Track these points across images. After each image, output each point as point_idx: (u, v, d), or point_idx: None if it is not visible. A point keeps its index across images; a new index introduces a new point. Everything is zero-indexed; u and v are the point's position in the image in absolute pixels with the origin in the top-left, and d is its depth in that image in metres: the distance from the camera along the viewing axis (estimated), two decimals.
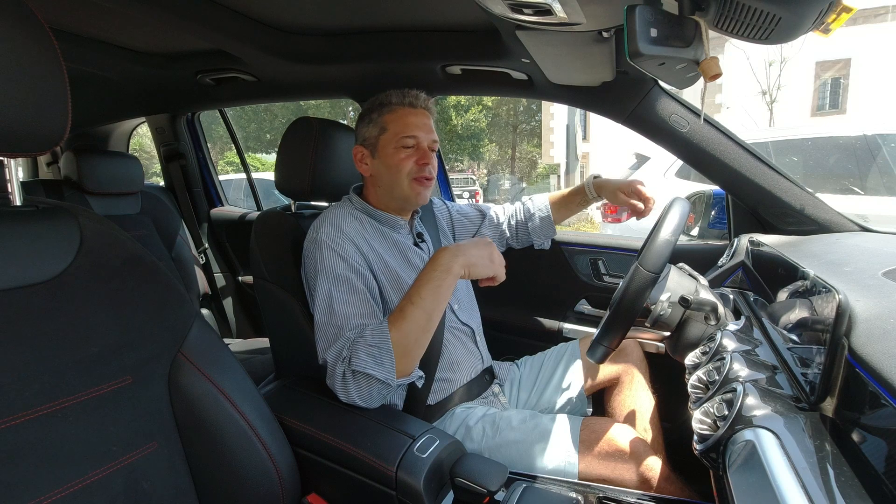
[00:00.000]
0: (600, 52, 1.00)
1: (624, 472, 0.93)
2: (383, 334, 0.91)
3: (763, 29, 0.65)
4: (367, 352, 0.90)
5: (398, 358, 0.91)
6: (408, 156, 1.11)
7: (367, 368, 0.89)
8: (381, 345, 0.90)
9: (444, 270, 0.93)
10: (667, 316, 0.94)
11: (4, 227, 0.64)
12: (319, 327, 0.99)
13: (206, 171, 2.44)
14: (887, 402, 0.46)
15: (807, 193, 1.21)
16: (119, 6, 1.05)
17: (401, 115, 1.12)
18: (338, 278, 1.00)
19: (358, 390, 0.91)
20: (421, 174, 1.12)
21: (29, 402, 0.60)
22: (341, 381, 0.92)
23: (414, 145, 1.11)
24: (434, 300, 0.92)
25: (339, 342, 0.94)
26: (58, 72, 0.61)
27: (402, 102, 1.12)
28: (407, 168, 1.11)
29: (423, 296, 0.92)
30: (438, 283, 0.92)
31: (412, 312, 0.92)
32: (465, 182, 18.02)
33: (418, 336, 0.93)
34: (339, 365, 0.93)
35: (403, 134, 1.10)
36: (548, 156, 21.65)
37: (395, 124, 1.11)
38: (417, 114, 1.13)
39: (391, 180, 1.12)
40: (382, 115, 1.13)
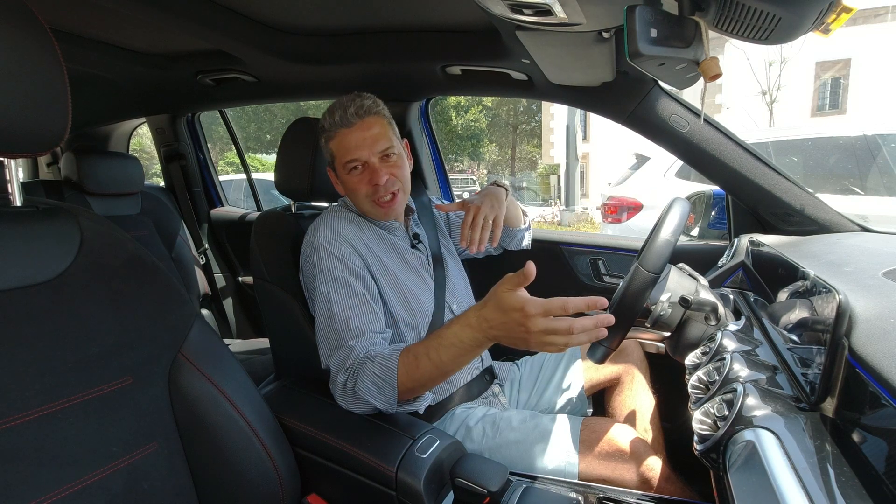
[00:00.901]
0: (600, 52, 1.00)
1: (624, 472, 0.93)
2: (391, 370, 0.88)
3: (763, 29, 0.65)
4: (372, 380, 0.89)
5: (401, 393, 0.89)
6: (359, 179, 1.07)
7: (369, 396, 0.90)
8: (387, 379, 0.89)
9: (473, 345, 0.82)
10: (667, 316, 0.94)
11: (5, 227, 0.64)
12: (320, 331, 0.99)
13: (206, 171, 2.44)
14: (887, 402, 0.46)
15: (807, 193, 1.21)
16: (119, 6, 1.05)
17: (339, 139, 1.06)
18: (336, 281, 1.00)
19: (357, 406, 0.93)
20: (376, 196, 1.07)
21: (29, 403, 0.60)
22: (342, 392, 0.93)
23: (361, 166, 1.06)
24: (452, 363, 0.86)
25: (342, 351, 0.94)
26: (58, 72, 0.61)
27: (335, 124, 1.06)
28: (362, 191, 1.08)
29: (443, 357, 0.85)
30: (461, 353, 0.84)
31: (426, 366, 0.86)
32: (465, 182, 18.05)
33: (425, 383, 0.90)
34: (340, 374, 0.93)
35: (345, 160, 1.06)
36: (548, 156, 21.65)
37: (338, 149, 1.07)
38: (353, 131, 1.05)
39: (355, 201, 1.12)
40: (328, 142, 1.10)
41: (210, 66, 1.55)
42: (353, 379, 0.91)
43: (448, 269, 1.26)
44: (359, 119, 1.05)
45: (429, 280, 1.19)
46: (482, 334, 0.80)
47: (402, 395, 0.90)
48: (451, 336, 0.84)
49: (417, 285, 1.14)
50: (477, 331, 0.81)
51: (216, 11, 1.15)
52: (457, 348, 0.83)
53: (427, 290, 1.16)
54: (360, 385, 0.90)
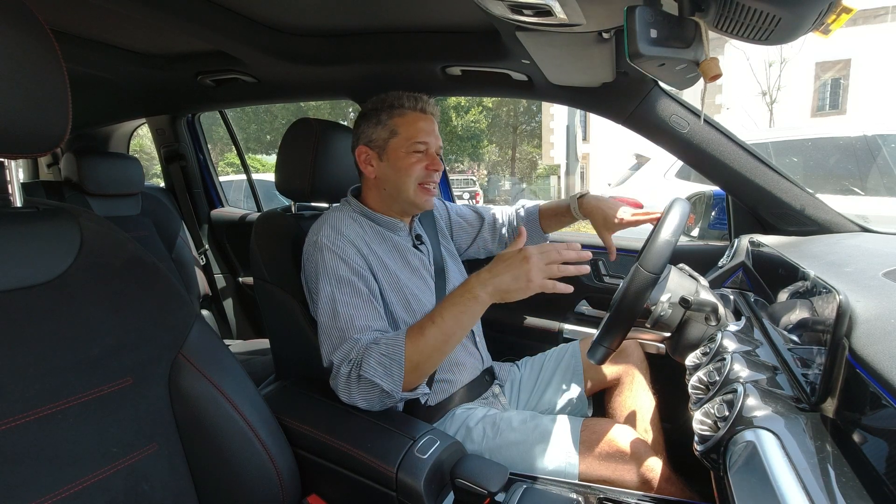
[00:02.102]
0: (600, 52, 1.00)
1: (624, 472, 0.93)
2: (398, 346, 0.91)
3: (763, 30, 0.65)
4: (378, 360, 0.90)
5: (408, 372, 0.90)
6: (418, 160, 1.10)
7: (375, 377, 0.90)
8: (394, 356, 0.90)
9: (471, 298, 0.90)
10: (667, 317, 0.94)
11: (5, 228, 0.64)
12: (323, 330, 0.99)
13: (206, 172, 2.45)
14: (888, 402, 0.46)
15: (807, 194, 1.21)
16: (119, 7, 1.06)
17: (412, 120, 1.11)
18: (340, 280, 1.00)
19: (361, 393, 0.92)
20: (429, 179, 1.12)
21: (30, 403, 0.60)
22: (345, 382, 0.93)
23: (424, 151, 1.11)
24: (455, 324, 0.91)
25: (346, 344, 0.94)
26: (58, 73, 0.61)
27: (415, 107, 1.12)
28: (416, 173, 1.10)
29: (445, 318, 0.91)
30: (463, 309, 0.91)
31: (431, 331, 0.91)
32: (465, 183, 18.05)
33: (432, 354, 0.92)
34: (344, 366, 0.93)
35: (415, 139, 1.10)
36: (548, 156, 21.65)
37: (407, 128, 1.10)
38: (427, 119, 1.13)
39: (398, 184, 1.11)
40: (392, 118, 1.11)
41: (210, 66, 1.55)
42: (358, 365, 0.91)
43: (449, 271, 1.26)
44: (432, 113, 1.15)
45: (430, 281, 1.19)
46: (479, 285, 0.90)
47: (409, 376, 0.91)
48: (451, 297, 0.93)
49: (418, 286, 1.14)
50: (474, 284, 0.91)
51: (216, 12, 1.15)
52: (457, 307, 0.91)
53: (428, 291, 1.17)
54: (364, 367, 0.90)
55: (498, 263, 0.91)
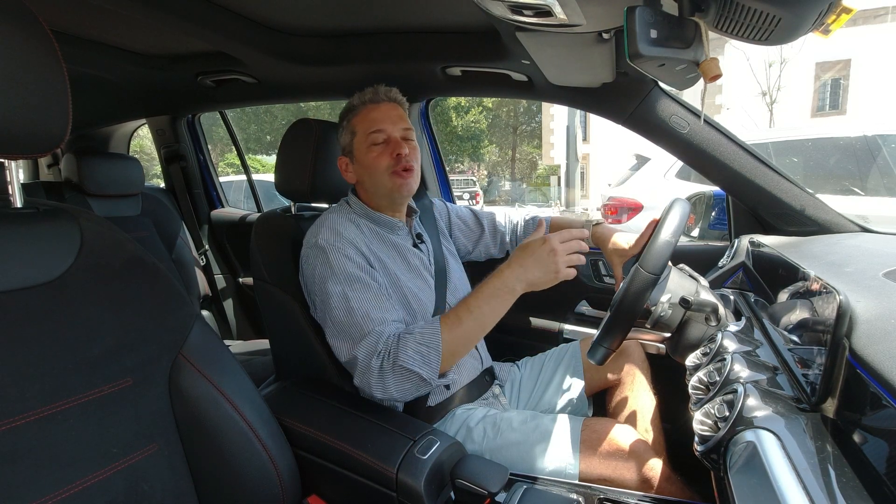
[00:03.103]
0: (600, 53, 1.00)
1: (625, 471, 0.93)
2: (434, 335, 0.93)
3: (763, 30, 0.65)
4: (416, 349, 0.92)
5: (444, 358, 0.93)
6: (380, 152, 1.10)
7: (414, 366, 0.91)
8: (431, 344, 0.92)
9: (508, 291, 0.95)
10: (667, 317, 0.94)
11: (5, 228, 0.64)
12: (340, 328, 0.98)
13: (206, 172, 2.45)
14: (888, 402, 0.45)
15: (807, 194, 1.21)
16: (119, 8, 1.06)
17: (364, 114, 1.13)
18: (350, 278, 1.00)
19: (397, 384, 0.93)
20: (398, 166, 1.10)
21: (30, 404, 0.60)
22: (378, 374, 0.93)
23: (384, 140, 1.11)
24: (491, 314, 0.96)
25: (369, 338, 0.95)
26: (58, 73, 0.61)
27: (363, 101, 1.14)
28: (383, 164, 1.10)
29: (483, 308, 0.95)
30: (500, 301, 0.95)
31: (467, 320, 0.94)
32: (465, 183, 18.06)
33: (466, 343, 0.96)
34: (374, 359, 0.93)
35: (370, 130, 1.10)
36: (548, 157, 21.67)
37: (361, 124, 1.12)
38: (380, 108, 1.13)
39: (372, 180, 1.12)
40: (349, 120, 1.14)
41: (210, 67, 1.55)
42: (393, 355, 0.92)
43: (450, 270, 1.26)
44: (387, 99, 1.14)
45: (430, 280, 1.19)
46: (514, 278, 0.95)
47: (445, 362, 0.94)
48: (488, 288, 0.96)
49: (418, 286, 1.14)
50: (510, 277, 0.95)
51: (217, 13, 1.15)
52: (495, 298, 0.95)
53: (428, 290, 1.16)
54: (402, 357, 0.91)
55: (526, 256, 0.95)
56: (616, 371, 1.23)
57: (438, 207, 1.43)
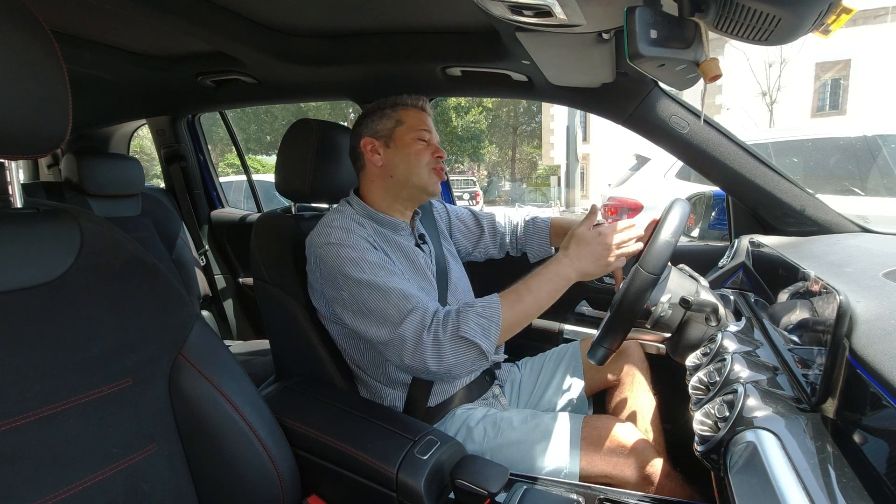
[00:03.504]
0: (600, 53, 1.00)
1: (626, 468, 0.93)
2: (495, 309, 0.95)
3: (763, 30, 0.65)
4: (477, 322, 0.93)
5: (503, 331, 0.96)
6: (425, 147, 1.16)
7: (476, 337, 0.92)
8: (492, 318, 0.94)
9: (564, 278, 1.00)
10: (667, 317, 0.94)
11: (5, 229, 0.64)
12: (375, 314, 0.96)
13: (206, 172, 2.45)
14: (888, 403, 0.45)
15: (807, 194, 1.21)
16: (119, 8, 1.06)
17: (415, 113, 1.18)
18: (373, 265, 0.99)
19: (455, 355, 0.93)
20: (439, 165, 1.18)
21: (29, 404, 0.60)
22: (433, 347, 0.92)
23: (429, 140, 1.17)
24: (548, 297, 0.99)
25: (415, 314, 0.94)
26: (59, 74, 0.61)
27: (416, 105, 1.20)
28: (426, 158, 1.15)
29: (542, 289, 0.99)
30: (556, 286, 1.00)
31: (526, 298, 0.98)
32: (465, 183, 18.07)
33: (522, 320, 0.98)
34: (426, 333, 0.93)
35: (421, 127, 1.16)
36: (548, 157, 21.68)
37: (412, 119, 1.17)
38: (428, 117, 1.20)
39: (409, 169, 1.14)
40: (397, 111, 1.18)
41: (210, 67, 1.55)
42: (453, 326, 0.93)
43: (451, 270, 1.26)
44: (430, 114, 1.23)
45: (432, 280, 1.19)
46: (572, 268, 1.00)
47: (502, 335, 0.96)
48: (547, 273, 1.00)
49: (421, 285, 1.14)
50: (567, 266, 1.00)
51: (216, 13, 1.15)
52: (552, 283, 0.99)
53: (431, 290, 1.17)
54: (463, 328, 0.92)
55: (579, 247, 1.01)
56: (616, 371, 1.23)
57: (438, 208, 1.43)
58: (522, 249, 1.47)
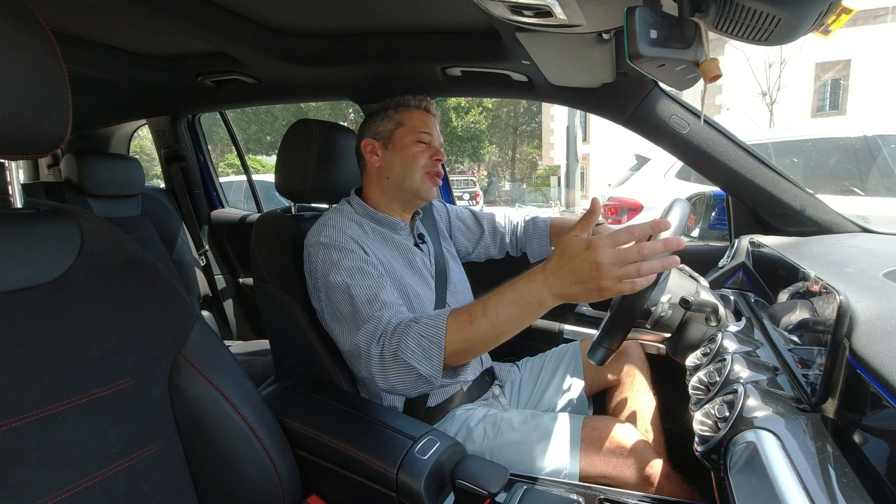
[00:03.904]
0: (600, 53, 1.00)
1: (625, 468, 0.93)
2: (439, 329, 0.84)
3: (763, 30, 0.65)
4: (417, 341, 0.85)
5: (448, 356, 0.84)
6: (422, 150, 1.15)
7: (413, 360, 0.84)
8: (434, 339, 0.84)
9: (535, 302, 0.78)
10: (667, 317, 0.94)
11: (5, 229, 0.64)
12: (340, 317, 0.96)
13: (206, 173, 2.45)
14: (888, 403, 0.45)
15: (807, 194, 1.21)
16: (119, 8, 1.06)
17: (418, 115, 1.18)
18: (350, 269, 0.99)
19: (398, 376, 0.86)
20: (434, 168, 1.16)
21: (29, 404, 0.60)
22: (378, 364, 0.87)
23: (428, 142, 1.16)
24: (510, 322, 0.81)
25: (369, 324, 0.91)
26: (59, 74, 0.61)
27: (419, 106, 1.19)
28: (422, 161, 1.14)
29: (501, 314, 0.81)
30: (523, 311, 0.80)
31: (481, 322, 0.82)
32: (465, 184, 18.08)
33: (478, 345, 0.84)
34: (374, 346, 0.88)
35: (421, 129, 1.16)
36: (548, 157, 21.68)
37: (412, 120, 1.16)
38: (430, 117, 1.19)
39: (404, 171, 1.14)
40: (398, 112, 1.18)
41: (210, 67, 1.55)
42: (394, 343, 0.86)
43: (450, 271, 1.26)
44: (434, 114, 1.22)
45: (430, 280, 1.19)
46: (547, 289, 0.76)
47: (449, 360, 0.85)
48: (512, 292, 0.80)
49: (419, 285, 1.14)
50: (542, 285, 0.76)
51: (216, 13, 1.15)
52: (519, 305, 0.79)
53: (429, 290, 1.17)
54: (402, 348, 0.84)
55: (562, 260, 0.74)
56: (616, 371, 1.23)
57: (438, 208, 1.43)
58: (522, 250, 1.47)
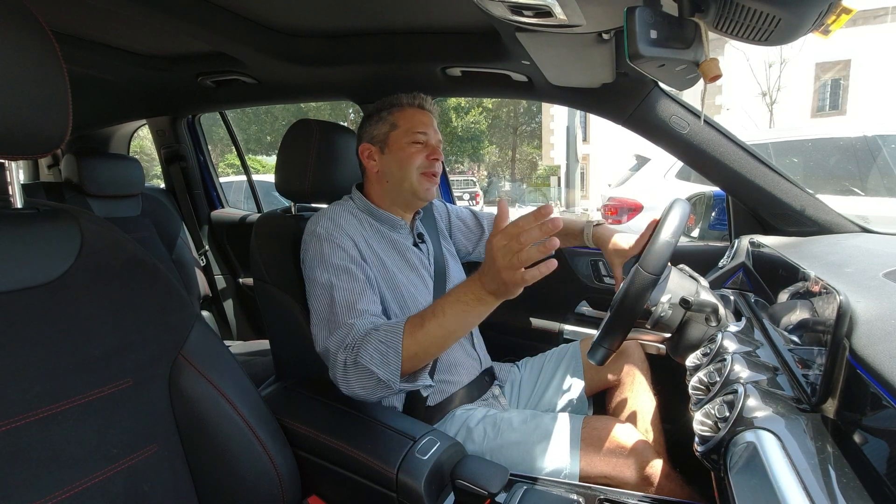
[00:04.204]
0: (600, 53, 1.00)
1: (625, 468, 0.93)
2: (396, 335, 0.88)
3: (763, 30, 0.65)
4: (375, 347, 0.88)
5: (405, 360, 0.88)
6: (418, 150, 1.14)
7: (372, 365, 0.87)
8: (391, 344, 0.88)
9: (474, 298, 0.83)
10: (667, 317, 0.94)
11: (5, 229, 0.64)
12: (319, 317, 0.98)
13: (206, 173, 2.45)
14: (888, 403, 0.45)
15: (807, 194, 1.21)
16: (119, 8, 1.06)
17: (411, 114, 1.16)
18: (337, 269, 1.00)
19: (358, 381, 0.89)
20: (430, 169, 1.15)
21: (30, 405, 0.60)
22: (342, 370, 0.90)
23: (424, 142, 1.15)
24: (457, 322, 0.87)
25: (342, 330, 0.93)
26: (59, 74, 0.61)
27: (413, 103, 1.18)
28: (417, 161, 1.13)
29: (447, 315, 0.86)
30: (465, 308, 0.85)
31: (431, 324, 0.87)
32: (465, 184, 18.08)
33: (429, 347, 0.89)
34: (341, 352, 0.91)
35: (415, 129, 1.14)
36: (548, 157, 21.68)
37: (406, 121, 1.15)
38: (425, 114, 1.18)
39: (400, 174, 1.14)
40: (392, 113, 1.17)
41: (210, 67, 1.55)
42: (355, 351, 0.89)
43: (449, 270, 1.26)
44: (430, 110, 1.20)
45: (428, 280, 1.19)
46: (480, 285, 0.82)
47: (406, 364, 0.88)
48: (456, 293, 0.87)
49: (416, 284, 1.14)
50: (477, 282, 0.82)
51: (216, 13, 1.15)
52: (461, 304, 0.85)
53: (425, 290, 1.17)
54: (362, 354, 0.88)
55: (486, 257, 0.80)
56: (616, 371, 1.23)
57: (438, 208, 1.43)
58: None
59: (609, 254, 1.24)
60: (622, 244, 1.20)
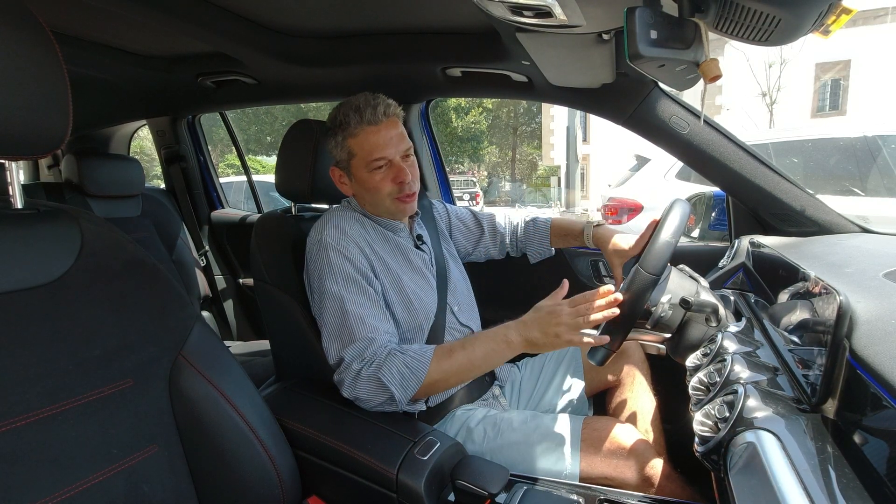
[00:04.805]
0: (600, 53, 1.00)
1: (625, 469, 0.93)
2: (423, 362, 0.94)
3: (763, 31, 0.65)
4: (399, 370, 0.93)
5: (423, 387, 0.94)
6: (383, 177, 1.07)
7: (391, 384, 0.92)
8: (416, 370, 0.93)
9: (504, 342, 0.96)
10: (668, 318, 0.94)
11: (5, 229, 0.64)
12: (332, 328, 0.99)
13: (206, 173, 2.45)
14: (888, 403, 0.45)
15: (807, 195, 1.21)
16: (119, 9, 1.06)
17: (364, 137, 1.05)
18: (347, 279, 1.00)
19: (367, 391, 0.94)
20: (402, 193, 1.09)
21: (30, 405, 0.60)
22: (354, 377, 0.94)
23: (387, 163, 1.07)
24: (483, 359, 0.96)
25: (359, 343, 0.95)
26: (59, 75, 0.61)
27: (361, 122, 1.05)
28: (386, 189, 1.08)
29: (476, 349, 0.96)
30: (494, 348, 0.96)
31: (459, 356, 0.95)
32: (465, 184, 18.09)
33: (450, 378, 0.96)
34: (356, 363, 0.94)
35: (371, 158, 1.05)
36: (548, 157, 21.68)
37: (362, 148, 1.06)
38: (380, 130, 1.05)
39: (373, 199, 1.11)
40: (346, 140, 1.07)
41: (211, 68, 1.55)
42: (376, 366, 0.93)
43: (450, 271, 1.26)
44: (385, 118, 1.06)
45: (432, 280, 1.19)
46: (517, 332, 0.95)
47: (423, 390, 0.94)
48: (489, 332, 0.98)
49: (420, 286, 1.14)
50: (514, 329, 0.96)
51: (217, 14, 1.15)
52: (493, 343, 0.96)
53: (430, 291, 1.17)
54: (384, 371, 0.92)
55: (534, 313, 0.95)
56: (616, 372, 1.23)
57: (438, 209, 1.43)
58: (522, 250, 1.47)
59: (609, 254, 1.24)
60: (622, 244, 1.20)
